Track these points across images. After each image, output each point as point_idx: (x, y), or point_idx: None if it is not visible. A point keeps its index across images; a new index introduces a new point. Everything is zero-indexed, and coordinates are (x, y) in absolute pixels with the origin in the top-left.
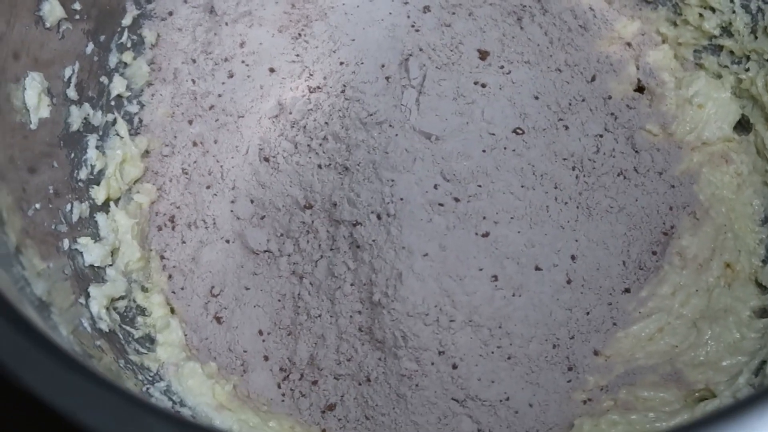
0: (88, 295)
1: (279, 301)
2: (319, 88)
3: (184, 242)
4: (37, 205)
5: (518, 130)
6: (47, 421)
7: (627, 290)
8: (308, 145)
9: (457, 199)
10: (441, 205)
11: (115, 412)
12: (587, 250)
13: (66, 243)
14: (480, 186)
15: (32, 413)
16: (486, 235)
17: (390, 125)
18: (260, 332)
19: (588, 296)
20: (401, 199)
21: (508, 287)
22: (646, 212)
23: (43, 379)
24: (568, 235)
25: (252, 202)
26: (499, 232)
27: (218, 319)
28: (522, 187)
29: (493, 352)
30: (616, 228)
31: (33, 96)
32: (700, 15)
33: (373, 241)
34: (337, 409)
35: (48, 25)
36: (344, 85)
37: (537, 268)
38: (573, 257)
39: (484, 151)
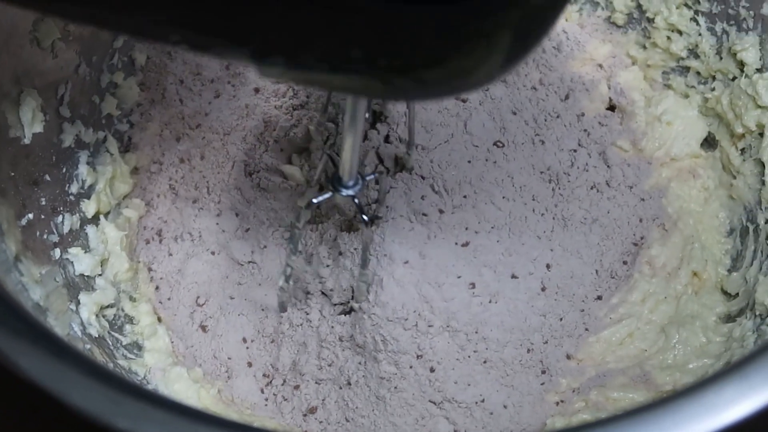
0: (78, 302)
1: (262, 310)
2: (302, 106)
3: (170, 255)
4: (30, 216)
5: (498, 143)
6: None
7: (599, 297)
8: None
9: (441, 211)
10: (425, 215)
11: (110, 397)
12: (561, 259)
13: (57, 252)
14: (465, 197)
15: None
16: (465, 244)
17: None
18: (244, 340)
19: (561, 303)
20: (387, 207)
21: (484, 294)
22: (618, 224)
23: (40, 368)
24: (544, 245)
25: (237, 215)
26: (478, 242)
27: (203, 328)
28: (503, 198)
29: (469, 356)
30: (590, 238)
31: (28, 112)
32: (668, 38)
33: (355, 249)
34: (318, 412)
35: (43, 45)
36: (324, 103)
37: (513, 276)
38: (548, 266)
39: (469, 161)
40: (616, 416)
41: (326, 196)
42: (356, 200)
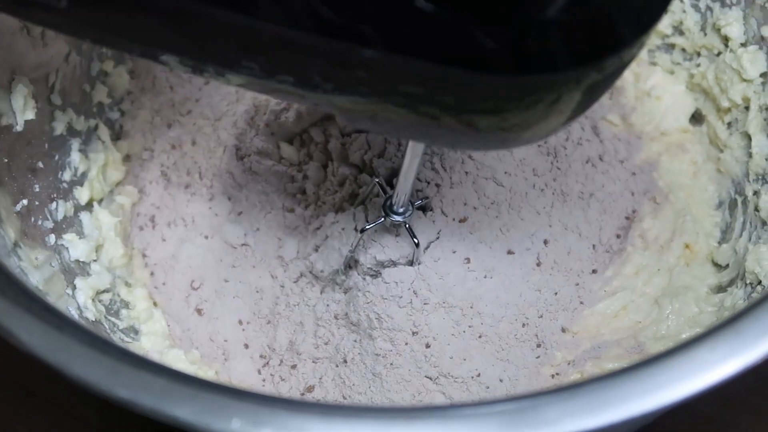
0: (75, 287)
1: (257, 292)
2: None
3: (164, 240)
4: (25, 202)
5: None
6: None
7: (594, 271)
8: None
9: (438, 185)
10: (419, 190)
11: (110, 367)
12: (560, 234)
13: (53, 238)
14: (467, 173)
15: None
16: (463, 220)
17: None
18: (240, 322)
19: (557, 277)
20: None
21: (479, 269)
22: (613, 198)
23: (41, 340)
24: (543, 220)
25: (229, 199)
26: (476, 218)
27: (199, 311)
28: (505, 173)
29: (464, 332)
30: (588, 213)
31: (19, 99)
32: None
33: (342, 229)
34: (315, 391)
35: (33, 33)
36: None
37: (509, 252)
38: (546, 241)
39: None
40: (610, 374)
41: (379, 222)
42: (407, 226)
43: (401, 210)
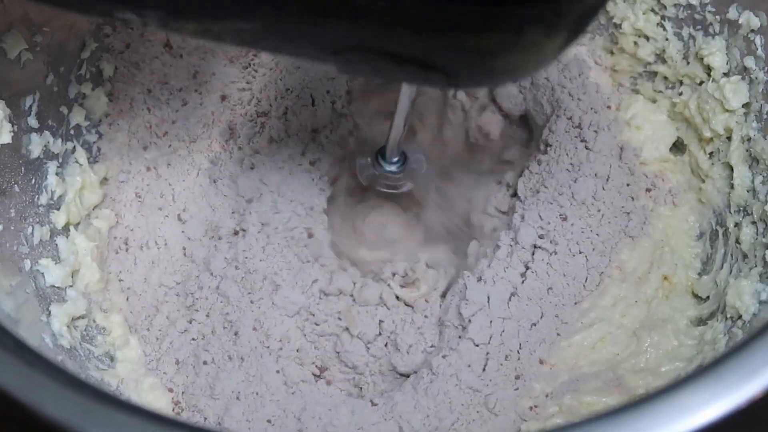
0: (49, 313)
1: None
2: (265, 113)
3: (136, 263)
4: (0, 227)
5: None
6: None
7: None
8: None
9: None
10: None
11: (83, 406)
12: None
13: (28, 263)
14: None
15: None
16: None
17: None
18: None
19: (533, 308)
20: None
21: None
22: None
23: (13, 378)
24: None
25: (202, 222)
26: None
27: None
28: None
29: None
30: None
31: None
32: (635, 43)
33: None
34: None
35: (10, 55)
36: (286, 108)
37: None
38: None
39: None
40: (592, 419)
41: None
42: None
43: (395, 160)
